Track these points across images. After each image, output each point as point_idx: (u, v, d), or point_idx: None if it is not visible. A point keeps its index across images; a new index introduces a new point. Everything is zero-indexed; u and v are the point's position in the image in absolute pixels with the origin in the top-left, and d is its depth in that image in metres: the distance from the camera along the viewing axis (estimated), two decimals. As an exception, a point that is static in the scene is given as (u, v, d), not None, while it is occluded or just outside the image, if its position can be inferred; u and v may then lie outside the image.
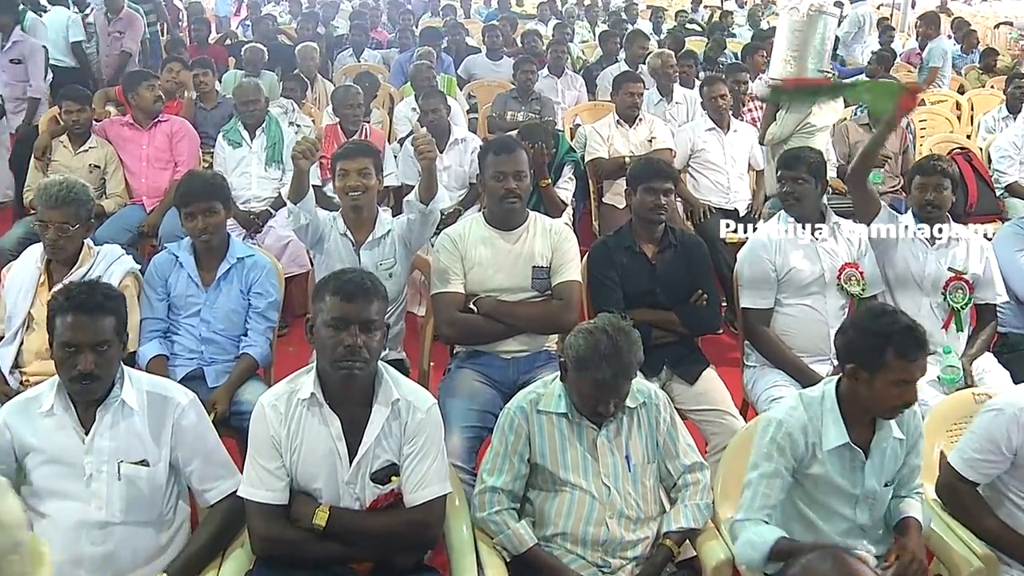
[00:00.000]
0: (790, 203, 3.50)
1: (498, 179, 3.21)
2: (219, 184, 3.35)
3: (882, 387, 2.31)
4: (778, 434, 2.36)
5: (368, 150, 3.41)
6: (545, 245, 3.29)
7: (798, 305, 3.47)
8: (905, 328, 2.30)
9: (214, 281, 3.32)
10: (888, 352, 2.28)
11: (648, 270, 3.44)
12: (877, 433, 2.43)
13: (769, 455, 2.37)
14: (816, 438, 2.39)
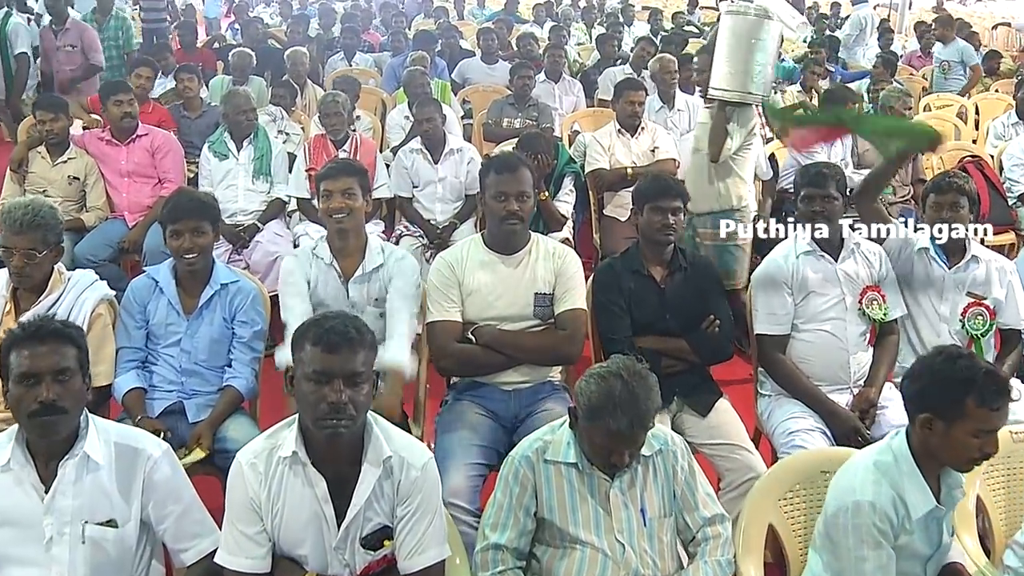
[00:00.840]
0: (819, 223, 3.29)
1: (499, 199, 3.00)
2: (210, 204, 3.15)
3: (960, 438, 2.12)
4: (875, 518, 2.12)
5: (353, 168, 3.20)
6: (548, 270, 3.09)
7: (816, 331, 3.27)
8: (986, 374, 2.11)
9: (196, 308, 3.11)
10: (968, 400, 2.09)
11: (657, 295, 3.24)
12: (945, 482, 2.23)
13: (877, 543, 2.13)
14: (904, 509, 2.17)
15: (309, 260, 3.18)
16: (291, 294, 3.15)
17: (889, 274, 3.36)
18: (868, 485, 2.15)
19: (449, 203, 5.06)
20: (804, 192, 3.34)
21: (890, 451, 2.21)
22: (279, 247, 4.74)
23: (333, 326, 2.04)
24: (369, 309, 3.16)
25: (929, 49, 10.66)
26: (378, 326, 3.15)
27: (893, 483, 2.16)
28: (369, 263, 3.17)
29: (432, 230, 4.93)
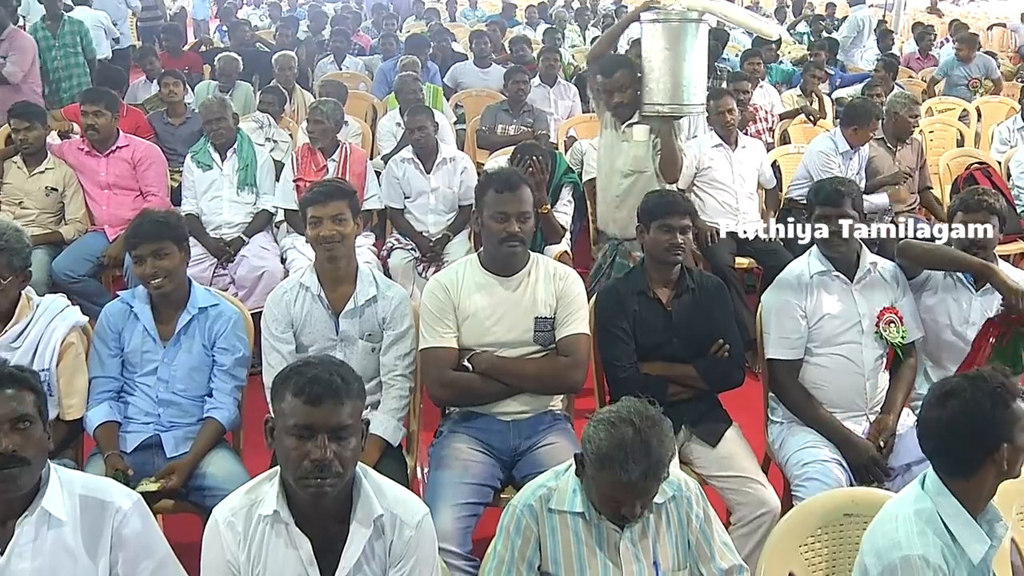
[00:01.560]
0: (836, 244, 3.11)
1: (499, 220, 2.82)
2: (171, 223, 2.94)
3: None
4: (929, 572, 1.92)
5: (342, 191, 2.99)
6: (549, 292, 2.91)
7: (831, 355, 3.09)
8: None
9: (173, 335, 2.92)
10: None
11: (663, 318, 3.06)
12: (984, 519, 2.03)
13: None
14: (955, 559, 1.97)
15: (294, 295, 2.96)
16: (272, 349, 2.95)
17: (907, 295, 3.19)
18: (914, 537, 1.96)
19: (442, 214, 4.88)
20: (819, 211, 3.16)
21: (927, 497, 2.02)
22: (266, 262, 4.56)
23: (316, 375, 1.85)
24: (361, 343, 2.97)
25: (928, 51, 10.54)
26: (370, 361, 2.97)
27: (939, 531, 1.98)
28: (361, 295, 2.96)
29: (424, 243, 4.75)
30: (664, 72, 3.72)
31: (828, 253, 3.16)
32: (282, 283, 3.02)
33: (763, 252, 4.94)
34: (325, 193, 2.92)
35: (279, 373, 1.93)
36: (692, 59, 3.72)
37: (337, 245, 2.90)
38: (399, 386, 2.95)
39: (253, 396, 3.10)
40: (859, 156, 5.35)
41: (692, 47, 3.71)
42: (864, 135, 5.29)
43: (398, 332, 2.96)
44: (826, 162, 5.22)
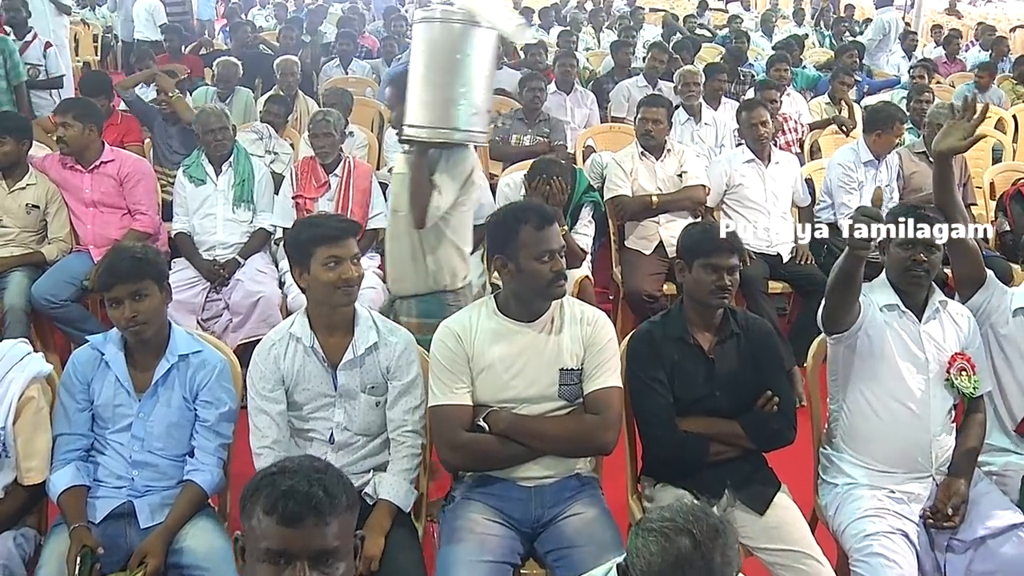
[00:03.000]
0: (918, 275, 2.74)
1: (544, 259, 2.47)
2: (150, 259, 2.58)
3: None
4: None
5: (356, 227, 2.65)
6: (575, 340, 2.56)
7: (891, 404, 2.73)
8: None
9: (150, 386, 2.58)
10: None
11: (705, 367, 2.70)
12: None
13: None
14: None
15: (284, 348, 2.61)
16: (259, 411, 2.59)
17: (977, 339, 2.83)
18: None
19: (453, 233, 4.52)
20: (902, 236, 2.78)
21: None
22: (262, 286, 4.22)
23: (292, 487, 1.50)
24: (363, 397, 2.62)
25: (956, 54, 10.16)
26: (375, 417, 2.63)
27: None
28: (360, 343, 2.60)
29: (433, 265, 4.39)
30: (414, 87, 2.98)
31: (901, 286, 2.79)
32: (269, 334, 2.66)
33: (798, 276, 4.60)
34: (343, 229, 2.55)
35: (248, 484, 1.57)
36: (465, 73, 2.94)
37: (355, 290, 2.56)
38: (409, 443, 2.61)
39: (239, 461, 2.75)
40: (888, 166, 4.99)
41: (467, 57, 2.93)
42: (888, 141, 4.92)
43: (405, 383, 2.61)
44: (844, 176, 4.88)
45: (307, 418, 2.62)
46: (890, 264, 2.83)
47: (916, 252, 2.72)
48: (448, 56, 2.91)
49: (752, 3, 17.44)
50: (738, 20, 11.83)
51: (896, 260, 2.78)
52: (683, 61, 7.60)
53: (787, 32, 12.51)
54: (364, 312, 2.65)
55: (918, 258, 2.72)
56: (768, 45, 11.26)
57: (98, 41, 12.68)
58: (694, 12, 13.71)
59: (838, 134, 6.24)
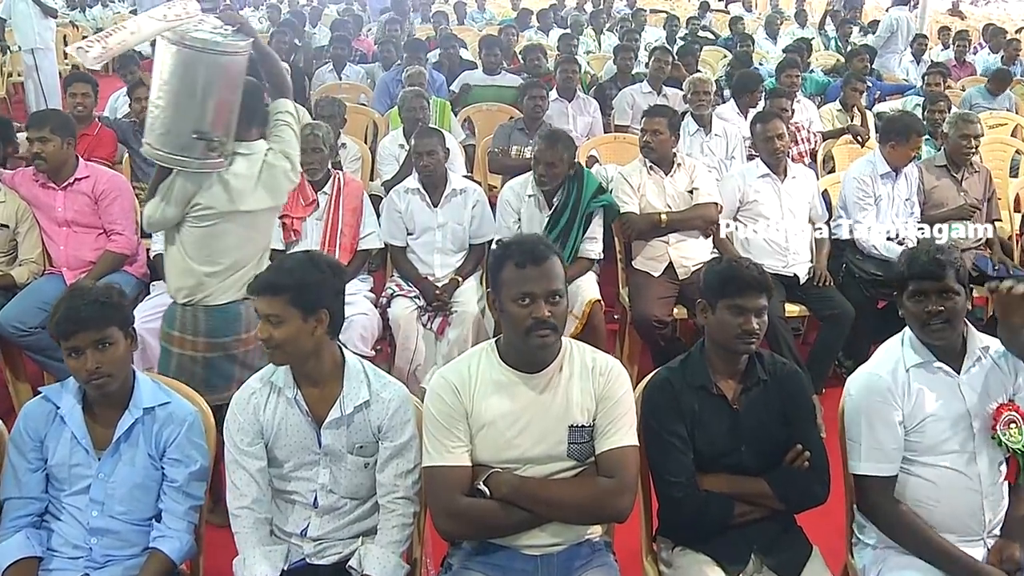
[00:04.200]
0: (936, 328, 2.47)
1: (522, 302, 2.19)
2: (115, 302, 2.31)
3: None
4: None
5: (273, 287, 2.29)
6: (587, 393, 2.29)
7: (937, 467, 2.45)
8: None
9: (111, 443, 2.31)
10: None
11: (728, 419, 2.44)
12: None
13: None
14: None
15: (264, 398, 2.34)
16: (237, 466, 2.33)
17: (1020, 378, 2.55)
18: None
19: (450, 254, 4.27)
20: (913, 286, 2.51)
21: None
22: None
23: None
24: (351, 459, 2.35)
25: (964, 57, 9.88)
26: (363, 479, 2.37)
27: None
28: (349, 400, 2.33)
29: (429, 288, 4.13)
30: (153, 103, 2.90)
31: (926, 340, 2.53)
32: (249, 382, 2.39)
33: (816, 299, 4.34)
34: (262, 284, 2.30)
35: None
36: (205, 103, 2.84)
37: (274, 353, 2.30)
38: (400, 511, 2.34)
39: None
40: (907, 178, 4.72)
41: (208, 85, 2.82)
42: (904, 153, 4.64)
43: (398, 444, 2.34)
44: (859, 190, 4.61)
45: (288, 478, 2.35)
46: (908, 320, 2.56)
47: (930, 302, 2.45)
48: (188, 83, 2.82)
49: (753, 4, 17.18)
50: (741, 22, 11.57)
51: (911, 314, 2.51)
52: (687, 66, 7.34)
53: (790, 34, 12.26)
54: (354, 362, 2.38)
55: (933, 309, 2.45)
56: (773, 48, 11.01)
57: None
58: (696, 14, 13.45)
59: (852, 144, 5.96)
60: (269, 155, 3.03)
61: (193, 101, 2.83)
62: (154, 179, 3.03)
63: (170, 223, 3.03)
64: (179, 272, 3.06)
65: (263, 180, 3.01)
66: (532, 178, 4.24)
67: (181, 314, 3.07)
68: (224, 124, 2.91)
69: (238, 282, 3.04)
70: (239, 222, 3.02)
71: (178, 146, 2.86)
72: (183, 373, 3.00)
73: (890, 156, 4.66)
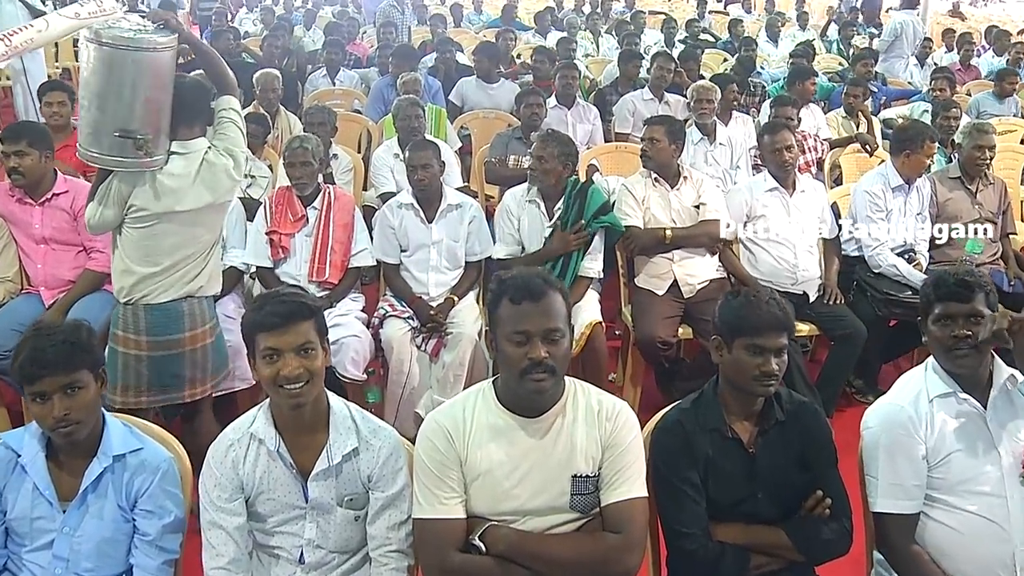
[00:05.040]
0: (962, 354, 2.31)
1: (519, 342, 2.02)
2: (83, 342, 2.13)
3: None
4: None
5: (307, 309, 2.14)
6: (591, 439, 2.12)
7: (961, 511, 2.30)
8: None
9: (78, 494, 2.14)
10: None
11: (744, 464, 2.27)
12: None
13: None
14: None
15: (244, 450, 2.16)
16: (212, 525, 2.14)
17: None
18: None
19: (445, 272, 4.09)
20: (939, 310, 2.36)
21: None
22: (230, 335, 3.73)
23: None
24: (340, 512, 2.17)
25: (969, 60, 9.71)
26: (354, 532, 2.19)
27: None
28: (336, 449, 2.15)
29: (424, 308, 3.95)
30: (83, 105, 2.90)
31: (951, 368, 2.36)
32: (226, 432, 2.20)
33: (827, 317, 4.17)
34: (282, 315, 2.08)
35: None
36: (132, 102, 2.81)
37: (305, 387, 2.09)
38: (393, 565, 2.16)
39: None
40: (919, 192, 4.55)
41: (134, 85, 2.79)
42: (916, 163, 4.47)
43: (390, 494, 2.16)
44: (871, 204, 4.44)
45: (272, 532, 2.18)
46: (932, 346, 2.41)
47: (956, 327, 2.32)
48: (108, 81, 2.80)
49: (752, 4, 17.01)
50: (741, 25, 11.39)
51: (936, 340, 2.38)
52: (688, 72, 7.16)
53: (791, 36, 12.08)
54: (340, 407, 2.20)
55: (959, 333, 2.31)
56: (775, 50, 10.83)
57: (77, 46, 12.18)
58: (695, 15, 13.27)
59: (860, 153, 5.79)
60: (210, 153, 3.00)
61: (115, 100, 2.80)
62: (94, 182, 3.03)
63: (110, 226, 3.02)
64: (119, 272, 3.06)
65: (202, 178, 2.98)
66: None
67: (123, 313, 3.06)
68: (152, 122, 2.87)
69: (180, 280, 3.06)
70: (179, 221, 3.00)
71: (106, 146, 2.84)
72: (129, 373, 3.05)
73: (903, 167, 4.49)
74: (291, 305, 2.11)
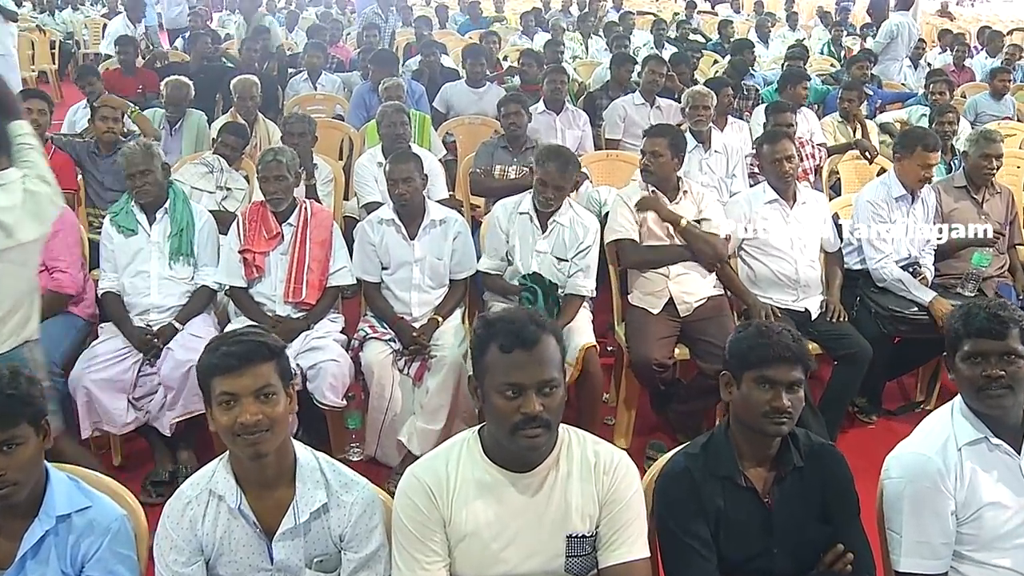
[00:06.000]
0: (995, 395, 2.12)
1: (510, 395, 1.81)
2: (23, 394, 1.90)
3: None
4: None
5: (267, 350, 1.93)
6: (588, 495, 1.91)
7: (995, 568, 2.11)
8: None
9: (14, 561, 1.91)
10: None
11: (759, 515, 2.06)
12: None
13: None
14: None
15: (202, 509, 1.95)
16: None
17: None
18: None
19: (429, 291, 3.86)
20: (969, 347, 2.16)
21: None
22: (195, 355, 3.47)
23: None
24: (309, 574, 1.96)
25: (963, 62, 9.55)
26: None
27: None
28: (304, 505, 1.94)
29: (406, 330, 3.72)
30: None
31: (982, 409, 2.17)
32: (183, 489, 1.98)
33: (830, 336, 3.97)
34: (240, 356, 1.87)
35: None
36: None
37: (265, 435, 1.88)
38: None
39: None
40: (925, 204, 4.34)
41: None
42: (909, 170, 4.23)
43: (364, 555, 1.95)
44: (874, 214, 4.23)
45: None
46: (960, 385, 2.22)
47: (988, 366, 2.13)
48: None
49: (740, 4, 16.86)
50: (731, 26, 11.21)
51: (965, 379, 2.18)
52: (680, 75, 6.96)
53: (782, 36, 11.91)
54: (308, 459, 1.99)
55: (992, 373, 2.12)
56: (765, 51, 10.65)
57: (56, 48, 11.90)
58: (683, 15, 13.09)
59: (860, 160, 5.60)
60: (27, 182, 2.57)
61: None
62: None
63: None
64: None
65: (28, 209, 2.57)
66: (532, 198, 3.87)
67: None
68: None
69: (18, 326, 2.63)
70: (12, 259, 2.58)
71: None
72: None
73: (899, 173, 4.30)
74: (249, 345, 1.90)
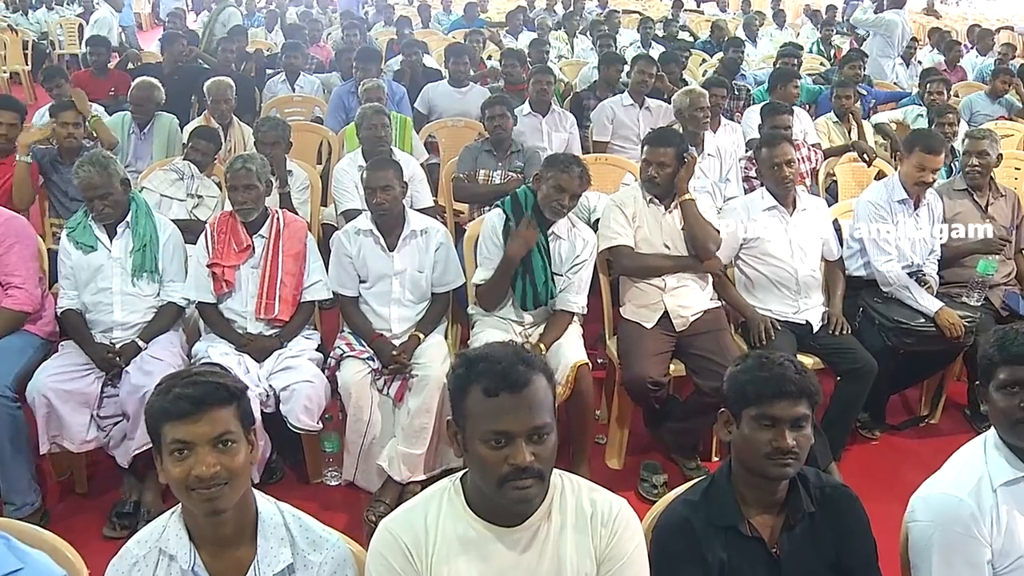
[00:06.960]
0: None
1: (496, 444, 1.60)
2: None
3: None
4: None
5: (222, 393, 1.70)
6: (583, 551, 1.70)
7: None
8: None
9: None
10: None
11: (767, 567, 1.86)
12: None
13: None
14: None
15: (151, 571, 1.73)
16: None
17: None
18: None
19: (409, 306, 3.65)
20: (1005, 375, 1.97)
21: None
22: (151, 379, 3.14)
23: None
24: None
25: (956, 61, 9.40)
26: None
27: None
28: (266, 567, 1.73)
29: (385, 348, 3.50)
30: None
31: (1020, 444, 1.98)
32: (130, 546, 1.77)
33: (833, 351, 3.78)
34: (196, 399, 1.65)
35: None
36: None
37: (224, 490, 1.66)
38: None
39: None
40: (931, 208, 4.15)
41: None
42: (909, 172, 4.04)
43: None
44: (871, 215, 4.04)
45: None
46: (995, 417, 2.03)
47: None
48: None
49: (727, 3, 16.70)
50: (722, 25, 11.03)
51: (1001, 411, 2.00)
52: (670, 75, 6.77)
53: (769, 35, 11.75)
54: (271, 512, 1.77)
55: None
56: (754, 50, 10.47)
57: (29, 49, 11.60)
58: (669, 14, 12.90)
59: (857, 163, 5.41)
60: None
61: None
62: None
63: None
64: None
65: None
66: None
67: None
68: None
69: None
70: None
71: None
72: None
73: (901, 175, 4.11)
74: (206, 387, 1.68)
